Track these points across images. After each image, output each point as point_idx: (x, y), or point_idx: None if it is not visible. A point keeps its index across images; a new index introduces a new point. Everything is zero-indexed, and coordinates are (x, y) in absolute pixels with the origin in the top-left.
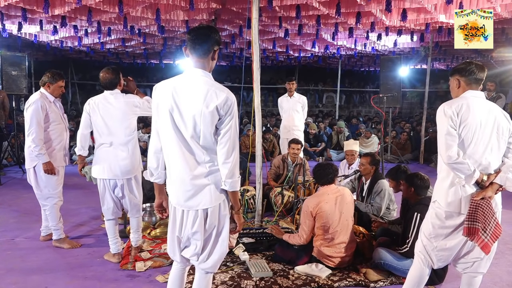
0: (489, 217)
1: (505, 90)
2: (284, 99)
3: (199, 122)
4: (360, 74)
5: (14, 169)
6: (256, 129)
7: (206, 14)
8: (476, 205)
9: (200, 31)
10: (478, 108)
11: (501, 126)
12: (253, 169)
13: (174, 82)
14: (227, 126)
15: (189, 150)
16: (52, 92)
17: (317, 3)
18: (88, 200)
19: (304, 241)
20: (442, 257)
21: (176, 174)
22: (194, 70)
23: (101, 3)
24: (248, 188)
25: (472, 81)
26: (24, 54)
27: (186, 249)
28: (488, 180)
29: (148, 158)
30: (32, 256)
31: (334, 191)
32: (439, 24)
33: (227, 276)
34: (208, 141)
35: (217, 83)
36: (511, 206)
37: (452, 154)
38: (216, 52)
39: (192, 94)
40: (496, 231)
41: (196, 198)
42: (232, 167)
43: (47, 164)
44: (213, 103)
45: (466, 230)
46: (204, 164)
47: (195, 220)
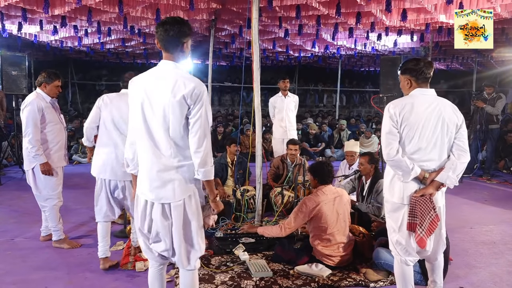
0: (426, 212)
1: (505, 90)
2: (278, 99)
3: (167, 112)
4: (360, 74)
5: (14, 169)
6: (256, 129)
7: (206, 14)
8: (415, 201)
9: (168, 25)
10: (424, 105)
11: (446, 122)
12: (253, 169)
13: (146, 75)
14: (197, 115)
15: (158, 143)
16: (48, 92)
17: (317, 3)
18: (88, 200)
19: (284, 234)
20: (404, 251)
21: (144, 165)
22: (164, 62)
23: (101, 3)
24: (248, 188)
25: (421, 80)
26: (24, 54)
27: (156, 244)
28: (429, 178)
29: (125, 150)
30: (32, 256)
31: (332, 192)
32: (439, 24)
33: (227, 276)
34: (178, 133)
35: (188, 74)
36: (511, 206)
37: (391, 152)
38: (186, 44)
39: (161, 85)
40: (431, 226)
41: (160, 191)
42: (203, 156)
43: (44, 165)
44: (180, 92)
45: (408, 225)
46: (171, 158)
47: (160, 215)
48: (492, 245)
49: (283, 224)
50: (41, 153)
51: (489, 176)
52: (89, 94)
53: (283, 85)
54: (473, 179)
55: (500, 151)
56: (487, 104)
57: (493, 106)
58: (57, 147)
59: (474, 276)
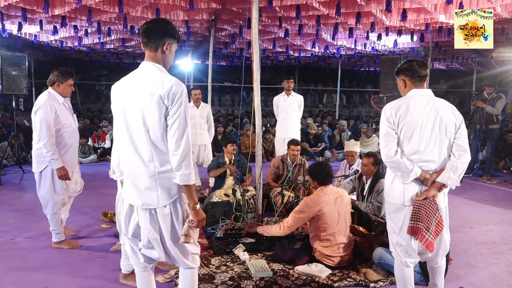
0: (431, 215)
1: (505, 90)
2: (281, 98)
3: (146, 114)
4: (360, 74)
5: (14, 169)
6: (256, 129)
7: (206, 14)
8: (419, 205)
9: (149, 25)
10: (420, 106)
11: (444, 122)
12: (253, 169)
13: (126, 79)
14: (175, 115)
15: (138, 148)
16: (61, 92)
17: (317, 3)
18: (88, 200)
19: (283, 233)
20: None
21: (127, 171)
22: (145, 63)
23: (101, 3)
24: (248, 188)
25: (416, 80)
26: (24, 54)
27: (149, 250)
28: (430, 179)
29: (111, 157)
30: (32, 256)
31: (333, 192)
32: (439, 24)
33: (227, 276)
34: (158, 136)
35: (167, 75)
36: (511, 206)
37: (389, 153)
38: (167, 45)
39: (140, 87)
40: (437, 229)
41: (144, 196)
42: (180, 158)
43: (61, 169)
44: (157, 92)
45: (409, 229)
46: (152, 163)
47: (147, 220)
48: (492, 245)
49: (283, 223)
50: (57, 157)
51: (489, 176)
52: (89, 94)
53: (286, 84)
54: (473, 179)
55: (500, 151)
56: (487, 104)
57: (493, 106)
58: (70, 150)
59: (474, 276)
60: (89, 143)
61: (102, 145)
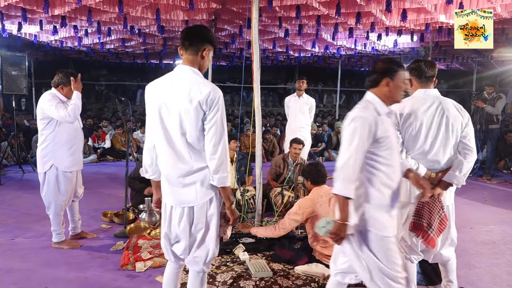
0: (434, 212)
1: (505, 90)
2: (292, 99)
3: (184, 118)
4: (360, 74)
5: (14, 169)
6: (256, 129)
7: (206, 14)
8: (423, 202)
9: (191, 30)
10: (425, 106)
11: (450, 121)
12: (253, 169)
13: (162, 80)
14: (212, 121)
15: (176, 147)
16: (66, 94)
17: (317, 3)
18: (88, 200)
19: (278, 235)
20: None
21: (164, 171)
22: (181, 67)
23: (101, 3)
24: (248, 188)
25: (422, 80)
26: (24, 54)
27: (176, 245)
28: (436, 178)
29: (143, 156)
30: (32, 256)
31: (327, 193)
32: (439, 24)
33: (227, 276)
34: (195, 138)
35: (204, 80)
36: (511, 206)
37: None
38: (207, 51)
39: (178, 91)
40: (440, 226)
41: (182, 196)
42: (218, 162)
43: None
44: (196, 98)
45: (411, 225)
46: (190, 162)
47: (181, 218)
48: (492, 245)
49: (277, 224)
50: None
51: (489, 176)
52: (89, 94)
53: (297, 85)
54: (473, 179)
55: (500, 151)
56: (487, 104)
57: (493, 106)
58: (73, 149)
59: (474, 276)
60: (89, 143)
61: (102, 145)
